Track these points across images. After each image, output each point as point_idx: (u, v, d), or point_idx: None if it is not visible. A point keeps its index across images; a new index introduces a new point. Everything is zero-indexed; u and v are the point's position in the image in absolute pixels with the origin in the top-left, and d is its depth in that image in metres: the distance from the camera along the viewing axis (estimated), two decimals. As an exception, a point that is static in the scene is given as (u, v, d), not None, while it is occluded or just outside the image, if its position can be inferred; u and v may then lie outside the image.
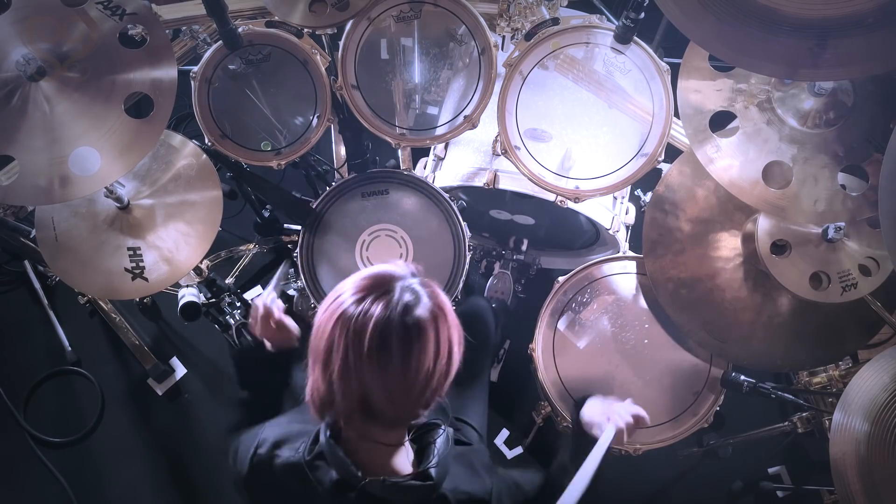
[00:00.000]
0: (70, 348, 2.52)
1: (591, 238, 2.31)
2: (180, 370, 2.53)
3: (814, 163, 1.48)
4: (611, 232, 1.97)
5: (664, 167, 1.83)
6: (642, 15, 1.56)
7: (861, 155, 1.46)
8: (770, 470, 2.39)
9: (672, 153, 1.77)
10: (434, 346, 1.02)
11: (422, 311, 1.00)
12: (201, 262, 1.81)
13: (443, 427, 1.20)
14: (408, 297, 1.01)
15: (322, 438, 1.10)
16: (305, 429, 1.18)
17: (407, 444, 1.16)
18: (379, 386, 1.00)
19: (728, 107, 1.53)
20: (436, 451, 1.15)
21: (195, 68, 1.73)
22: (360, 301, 1.00)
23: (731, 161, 1.53)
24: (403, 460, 1.14)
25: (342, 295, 1.02)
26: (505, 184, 1.92)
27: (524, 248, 2.34)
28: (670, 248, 1.76)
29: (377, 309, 0.99)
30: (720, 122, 1.56)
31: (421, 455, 1.17)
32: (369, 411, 1.04)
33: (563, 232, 2.33)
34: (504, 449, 2.39)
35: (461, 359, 1.52)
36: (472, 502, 1.17)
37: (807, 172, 1.48)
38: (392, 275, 1.04)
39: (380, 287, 1.01)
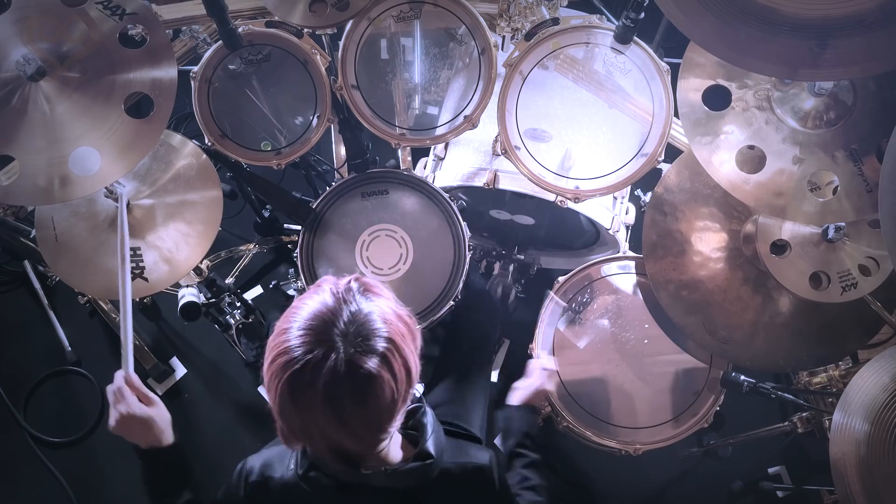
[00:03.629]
0: (70, 348, 2.52)
1: (591, 238, 2.31)
2: (180, 370, 2.53)
3: (814, 163, 1.48)
4: (611, 232, 1.97)
5: (664, 167, 1.83)
6: (642, 15, 1.56)
7: (861, 155, 1.46)
8: (770, 470, 2.39)
9: (672, 153, 1.77)
10: (390, 385, 0.96)
11: (371, 361, 0.94)
12: (201, 262, 1.81)
13: (423, 405, 1.20)
14: (351, 347, 0.93)
15: (310, 450, 1.10)
16: (284, 450, 1.18)
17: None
18: (339, 433, 0.98)
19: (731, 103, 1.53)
20: (428, 428, 1.15)
21: (195, 68, 1.73)
22: (304, 365, 0.92)
23: (728, 160, 1.53)
24: (394, 447, 1.14)
25: (288, 349, 0.94)
26: (505, 184, 1.92)
27: (524, 256, 2.34)
28: (670, 249, 1.76)
29: (323, 369, 0.92)
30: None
31: (411, 436, 1.18)
32: (339, 450, 1.03)
33: (563, 232, 2.33)
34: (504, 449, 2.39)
35: (463, 355, 1.51)
36: (477, 471, 1.19)
37: (806, 172, 1.48)
38: (328, 319, 0.95)
39: (321, 340, 0.94)
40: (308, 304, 0.99)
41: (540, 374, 1.58)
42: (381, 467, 1.09)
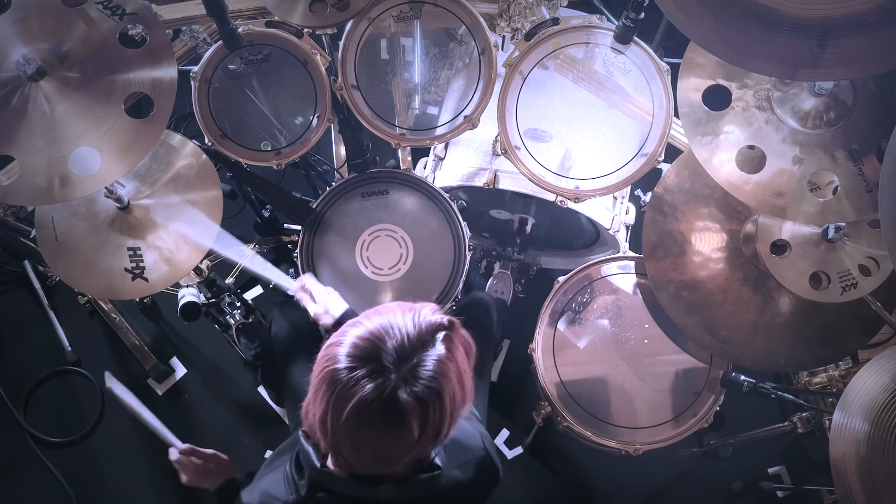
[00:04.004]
0: (70, 348, 2.52)
1: (591, 238, 2.31)
2: (180, 370, 2.53)
3: (814, 163, 1.48)
4: (611, 232, 1.97)
5: (664, 167, 1.83)
6: (642, 15, 1.56)
7: (861, 155, 1.46)
8: (770, 470, 2.39)
9: (672, 153, 1.77)
10: (418, 431, 0.95)
11: (408, 397, 0.92)
12: (201, 262, 1.81)
13: None
14: (402, 381, 0.92)
15: (315, 464, 1.08)
16: (275, 475, 1.16)
17: None
18: (350, 446, 0.98)
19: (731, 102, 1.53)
20: None
21: (195, 68, 1.73)
22: (350, 369, 0.93)
23: (728, 160, 1.53)
24: None
25: (339, 350, 0.95)
26: (505, 184, 1.92)
27: (528, 229, 2.32)
28: (670, 250, 1.76)
29: (363, 386, 0.92)
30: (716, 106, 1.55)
31: None
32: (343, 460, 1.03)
33: (563, 232, 2.33)
34: (504, 449, 2.39)
35: None
36: (481, 465, 1.19)
37: (806, 172, 1.48)
38: (384, 347, 0.94)
39: (372, 360, 0.93)
40: (393, 315, 0.98)
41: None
42: (389, 480, 1.09)
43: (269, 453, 2.38)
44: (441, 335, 0.98)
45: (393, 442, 0.96)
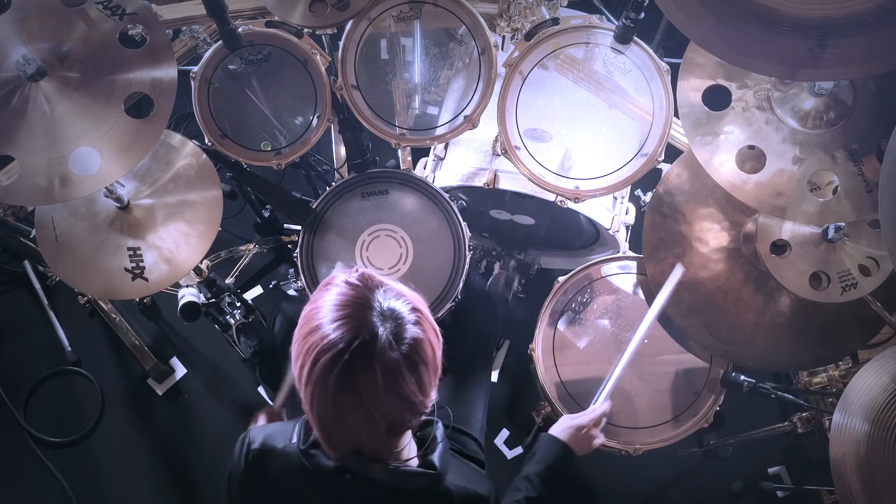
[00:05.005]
0: (70, 348, 2.52)
1: (591, 238, 2.31)
2: (180, 370, 2.53)
3: (814, 163, 1.48)
4: (611, 232, 1.97)
5: (664, 167, 1.83)
6: (642, 15, 1.56)
7: (861, 155, 1.46)
8: (770, 470, 2.39)
9: (672, 153, 1.77)
10: (431, 345, 1.02)
11: (412, 328, 1.00)
12: (201, 262, 1.81)
13: (436, 420, 1.21)
14: (390, 323, 0.98)
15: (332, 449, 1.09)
16: (285, 426, 1.20)
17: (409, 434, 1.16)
18: (389, 409, 0.99)
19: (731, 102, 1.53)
20: (438, 442, 1.15)
21: (195, 68, 1.73)
22: (354, 352, 0.95)
23: (728, 160, 1.53)
24: (408, 447, 1.14)
25: (331, 343, 0.96)
26: (505, 184, 1.92)
27: (524, 256, 2.34)
28: (671, 251, 1.76)
29: (376, 349, 0.95)
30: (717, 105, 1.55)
31: (421, 445, 1.17)
32: (361, 446, 1.05)
33: (563, 232, 2.33)
34: (504, 449, 2.39)
35: (463, 355, 1.50)
36: (475, 499, 1.18)
37: (806, 172, 1.48)
38: (364, 304, 0.99)
39: (362, 325, 0.97)
40: (330, 298, 1.00)
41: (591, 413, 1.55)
42: (389, 463, 1.09)
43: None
44: (367, 273, 1.05)
45: (425, 367, 1.01)
